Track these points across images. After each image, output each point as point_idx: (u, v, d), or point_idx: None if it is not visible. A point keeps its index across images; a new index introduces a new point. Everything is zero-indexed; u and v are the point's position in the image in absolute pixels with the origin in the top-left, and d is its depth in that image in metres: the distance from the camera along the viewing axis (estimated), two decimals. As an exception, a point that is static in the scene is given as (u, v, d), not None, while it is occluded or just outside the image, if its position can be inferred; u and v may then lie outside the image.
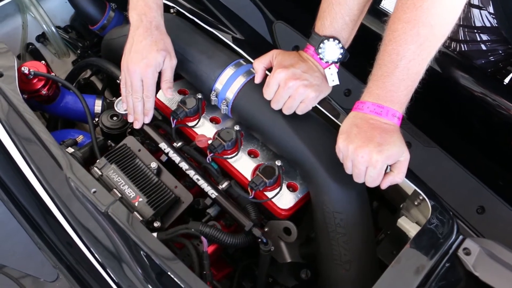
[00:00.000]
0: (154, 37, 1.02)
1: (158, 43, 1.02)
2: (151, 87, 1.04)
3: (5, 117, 0.99)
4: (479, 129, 1.30)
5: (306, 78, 0.94)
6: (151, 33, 1.02)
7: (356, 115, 0.88)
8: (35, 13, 1.43)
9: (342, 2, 0.94)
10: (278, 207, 1.01)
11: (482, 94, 1.21)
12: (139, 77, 1.02)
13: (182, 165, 1.04)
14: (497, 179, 1.28)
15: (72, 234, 0.93)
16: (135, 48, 1.02)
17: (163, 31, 1.05)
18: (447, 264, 0.83)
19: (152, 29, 1.03)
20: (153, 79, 1.04)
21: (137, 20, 1.03)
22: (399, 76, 0.83)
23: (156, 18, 1.04)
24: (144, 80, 1.03)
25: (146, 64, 1.01)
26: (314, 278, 1.13)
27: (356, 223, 0.94)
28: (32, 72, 1.17)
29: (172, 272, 0.81)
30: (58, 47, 1.52)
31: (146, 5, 1.03)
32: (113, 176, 1.02)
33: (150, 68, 1.01)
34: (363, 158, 0.84)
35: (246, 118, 1.05)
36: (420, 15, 0.78)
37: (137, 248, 0.83)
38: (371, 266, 0.95)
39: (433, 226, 0.87)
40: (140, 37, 1.02)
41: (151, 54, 1.01)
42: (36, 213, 1.11)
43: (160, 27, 1.05)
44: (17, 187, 1.13)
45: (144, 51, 1.01)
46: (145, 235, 0.83)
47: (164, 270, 0.82)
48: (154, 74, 1.03)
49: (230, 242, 0.96)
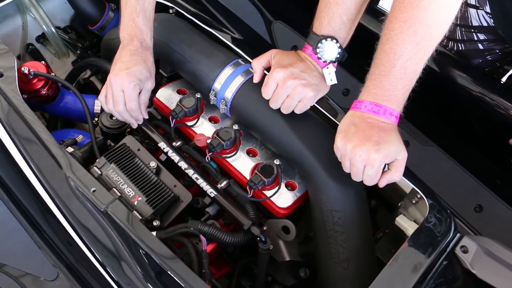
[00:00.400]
0: (144, 56, 1.02)
1: (146, 62, 1.02)
2: (133, 98, 1.01)
3: (5, 117, 0.99)
4: (476, 128, 1.31)
5: (304, 77, 0.95)
6: (141, 53, 1.02)
7: (354, 114, 0.88)
8: (35, 13, 1.43)
9: (339, 2, 0.94)
10: (277, 206, 1.01)
11: (479, 93, 1.22)
12: (119, 87, 1.00)
13: (181, 164, 1.05)
14: (495, 178, 1.29)
15: (72, 233, 0.93)
16: (121, 61, 1.01)
17: (152, 54, 1.05)
18: (445, 262, 0.84)
19: (143, 50, 1.03)
20: (134, 91, 1.01)
21: (128, 40, 1.03)
22: (397, 75, 0.83)
23: (146, 40, 1.04)
24: (125, 91, 1.00)
25: (128, 73, 0.99)
26: (313, 277, 1.14)
27: (354, 222, 0.95)
28: (32, 72, 1.17)
29: (172, 271, 0.81)
30: (58, 47, 1.53)
31: (137, 27, 1.03)
32: (113, 175, 1.02)
33: (132, 78, 0.99)
34: (361, 156, 0.84)
35: (244, 118, 1.06)
36: (417, 15, 0.79)
37: (136, 246, 0.84)
38: (369, 264, 0.96)
39: (430, 224, 0.88)
40: (129, 52, 1.02)
41: (136, 67, 1.00)
42: (36, 212, 1.12)
43: (150, 49, 1.05)
44: (17, 186, 1.14)
45: (129, 64, 1.00)
46: (145, 234, 0.84)
47: (163, 269, 0.82)
48: (136, 85, 1.00)
49: (229, 240, 0.96)
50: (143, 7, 1.04)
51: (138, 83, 1.00)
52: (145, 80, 1.02)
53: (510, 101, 1.19)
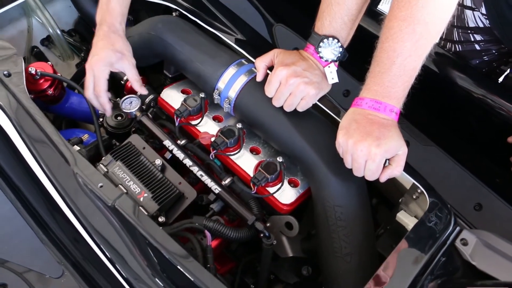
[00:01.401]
0: (111, 39, 1.08)
1: (114, 44, 1.08)
2: (101, 83, 1.08)
3: (14, 115, 1.01)
4: (475, 128, 1.33)
5: (307, 75, 0.97)
6: (108, 36, 1.08)
7: (355, 111, 0.91)
8: (41, 16, 1.46)
9: (341, 2, 0.97)
10: (280, 202, 1.03)
11: (477, 93, 1.24)
12: (91, 72, 1.07)
13: (186, 161, 1.06)
14: (494, 177, 1.31)
15: (80, 229, 0.95)
16: (92, 50, 1.09)
17: (121, 35, 1.10)
18: (445, 254, 0.85)
19: (110, 33, 1.08)
20: (103, 75, 1.08)
21: (99, 24, 1.10)
22: (396, 72, 0.86)
23: (114, 24, 1.10)
24: (96, 75, 1.07)
25: (96, 59, 1.06)
26: (315, 274, 1.15)
27: (356, 216, 0.96)
28: (39, 73, 1.19)
29: (180, 264, 0.82)
30: (63, 50, 1.55)
31: (108, 12, 1.10)
32: (119, 172, 1.04)
33: (100, 63, 1.06)
34: (362, 151, 0.86)
35: (248, 116, 1.08)
36: (415, 13, 0.82)
37: (144, 240, 0.85)
38: (371, 258, 0.98)
39: (431, 218, 0.90)
40: (98, 38, 1.09)
41: (103, 51, 1.06)
42: (43, 209, 1.13)
43: (118, 31, 1.10)
44: (25, 184, 1.16)
45: (97, 50, 1.07)
46: (152, 228, 0.85)
47: (171, 262, 0.84)
48: (104, 70, 1.07)
49: (233, 236, 0.98)
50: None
51: (107, 67, 1.08)
52: (117, 61, 1.08)
53: (507, 100, 1.21)
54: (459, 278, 0.83)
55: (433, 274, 0.83)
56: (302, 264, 1.16)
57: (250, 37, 1.27)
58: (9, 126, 1.01)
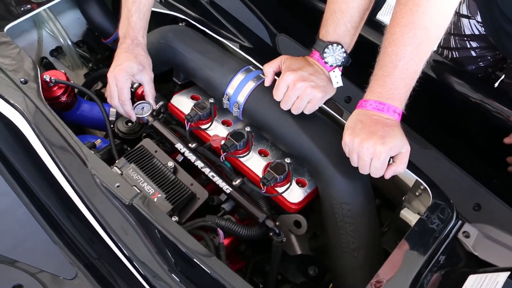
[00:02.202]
0: (134, 52, 1.15)
1: (137, 57, 1.14)
2: (125, 92, 1.14)
3: (32, 119, 1.05)
4: (472, 130, 1.38)
5: (313, 80, 1.02)
6: (131, 49, 1.15)
7: (360, 112, 0.96)
8: (53, 27, 1.51)
9: (344, 10, 1.03)
10: (289, 201, 1.07)
11: (474, 97, 1.29)
12: (113, 81, 1.13)
13: (198, 163, 1.10)
14: (492, 178, 1.35)
15: (97, 227, 0.98)
16: (116, 58, 1.16)
17: (144, 49, 1.17)
18: (449, 246, 0.90)
19: (133, 46, 1.15)
20: (126, 85, 1.14)
21: (122, 38, 1.17)
22: (399, 75, 0.91)
23: (137, 37, 1.16)
24: (118, 85, 1.13)
25: (119, 69, 1.12)
26: (321, 274, 1.19)
27: (363, 213, 1.01)
28: (53, 80, 1.24)
29: (199, 260, 0.85)
30: (73, 60, 1.60)
31: (130, 26, 1.16)
32: (133, 174, 1.08)
33: (123, 72, 1.12)
34: (368, 150, 0.91)
35: (256, 119, 1.12)
36: (416, 19, 0.87)
37: (162, 237, 0.89)
38: (377, 253, 1.02)
39: (434, 212, 0.94)
40: (122, 50, 1.15)
41: (126, 62, 1.13)
42: (57, 211, 1.17)
43: (141, 45, 1.17)
44: (39, 187, 1.19)
45: (121, 60, 1.14)
46: (170, 224, 0.89)
47: (190, 258, 0.87)
48: (127, 80, 1.13)
49: (245, 233, 1.02)
50: (138, 8, 1.16)
51: (130, 77, 1.14)
52: (138, 73, 1.14)
53: (503, 104, 1.26)
54: (461, 268, 0.87)
55: (437, 265, 0.87)
56: (308, 264, 1.19)
57: (256, 45, 1.32)
58: (28, 129, 1.05)
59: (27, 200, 1.22)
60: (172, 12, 1.36)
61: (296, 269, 1.22)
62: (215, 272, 0.83)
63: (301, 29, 1.60)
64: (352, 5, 1.02)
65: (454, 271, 0.86)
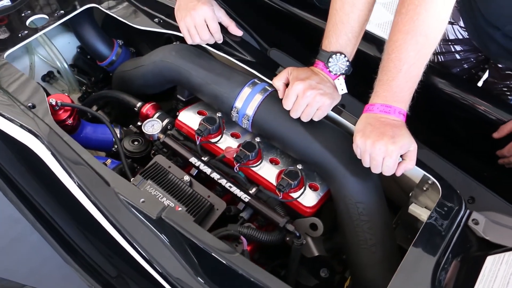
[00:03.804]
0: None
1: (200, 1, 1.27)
2: (215, 19, 1.28)
3: (49, 142, 1.06)
4: (461, 129, 1.47)
5: (321, 88, 1.08)
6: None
7: (368, 116, 1.02)
8: (49, 51, 1.52)
9: (344, 22, 1.10)
10: (304, 206, 1.12)
11: (462, 97, 1.38)
12: (191, 22, 1.25)
13: (214, 175, 1.14)
14: (482, 171, 1.44)
15: (125, 245, 0.98)
16: (181, 11, 1.27)
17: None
18: (461, 234, 0.96)
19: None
20: (211, 15, 1.27)
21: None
22: (403, 79, 0.98)
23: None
24: (207, 16, 1.26)
25: (200, 5, 1.25)
26: (332, 275, 1.23)
27: (377, 210, 1.06)
28: (59, 103, 1.25)
29: (240, 268, 0.88)
30: (69, 83, 1.61)
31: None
32: (151, 190, 1.10)
33: (205, 6, 1.25)
34: (380, 150, 0.97)
35: (266, 130, 1.17)
36: (417, 27, 0.95)
37: (195, 247, 0.91)
38: (393, 246, 1.07)
39: (445, 203, 1.01)
40: (184, 2, 1.28)
41: (200, 1, 1.26)
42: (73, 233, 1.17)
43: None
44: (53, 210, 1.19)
45: (190, 6, 1.26)
46: (203, 234, 0.91)
47: (231, 267, 0.88)
48: (211, 10, 1.26)
49: (267, 239, 1.05)
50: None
51: (211, 7, 1.27)
52: (214, 7, 1.29)
53: (489, 102, 1.36)
54: (476, 252, 0.93)
55: (453, 253, 0.93)
56: (320, 266, 1.24)
57: (257, 58, 1.37)
58: (46, 153, 1.06)
59: (39, 225, 1.21)
60: (170, 31, 1.40)
61: (308, 273, 1.26)
62: (259, 280, 0.86)
63: (291, 42, 1.67)
64: (352, 16, 1.09)
65: (470, 257, 0.93)
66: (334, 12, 1.10)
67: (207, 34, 1.28)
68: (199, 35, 1.28)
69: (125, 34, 1.64)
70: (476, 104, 1.39)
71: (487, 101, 1.38)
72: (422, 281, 0.88)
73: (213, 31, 1.29)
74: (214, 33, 1.29)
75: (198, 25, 1.26)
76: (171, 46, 1.33)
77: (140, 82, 1.37)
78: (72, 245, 1.19)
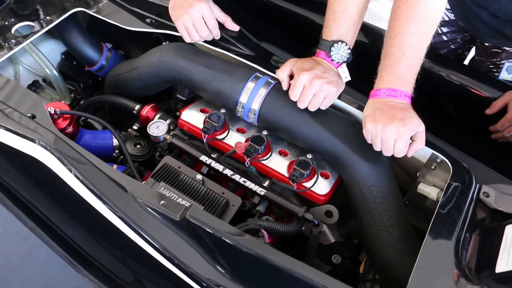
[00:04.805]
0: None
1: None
2: (212, 18, 1.27)
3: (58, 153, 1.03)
4: (453, 107, 1.51)
5: (326, 77, 1.10)
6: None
7: (375, 100, 1.04)
8: (37, 59, 1.47)
9: (343, 10, 1.11)
10: (318, 194, 1.14)
11: (452, 77, 1.42)
12: (189, 20, 1.24)
13: (227, 171, 1.14)
14: (476, 147, 1.50)
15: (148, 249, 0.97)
16: (179, 9, 1.25)
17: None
18: (476, 207, 1.01)
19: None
20: (209, 11, 1.25)
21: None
22: (407, 62, 1.01)
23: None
24: (204, 13, 1.25)
25: (196, 3, 1.23)
26: (344, 261, 1.26)
27: (390, 192, 1.09)
28: (58, 112, 1.21)
29: (278, 262, 0.89)
30: (59, 90, 1.56)
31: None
32: (165, 192, 1.09)
33: (202, 4, 1.24)
34: (392, 132, 0.99)
35: (273, 122, 1.17)
36: (419, 11, 0.98)
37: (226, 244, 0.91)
38: (409, 225, 1.11)
39: (457, 179, 1.05)
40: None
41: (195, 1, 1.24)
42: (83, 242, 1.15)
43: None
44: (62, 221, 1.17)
45: (187, 3, 1.24)
46: (231, 229, 0.91)
47: (268, 261, 0.89)
48: (208, 7, 1.25)
49: (286, 230, 1.07)
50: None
51: (208, 4, 1.26)
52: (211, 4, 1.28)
53: (477, 79, 1.41)
54: (492, 223, 0.98)
55: (471, 226, 0.97)
56: (331, 253, 1.26)
57: (256, 51, 1.38)
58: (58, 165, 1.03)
59: (49, 239, 1.19)
60: (163, 30, 1.38)
61: (321, 260, 1.28)
62: (298, 273, 0.88)
63: (280, 35, 1.68)
64: (350, 4, 1.11)
65: (488, 228, 0.97)
66: (332, 1, 1.12)
67: (206, 32, 1.27)
68: (198, 32, 1.26)
69: (112, 37, 1.61)
70: (467, 82, 1.44)
71: (476, 79, 1.43)
72: (445, 257, 0.91)
73: (212, 27, 1.27)
74: (213, 29, 1.28)
75: (196, 22, 1.24)
76: (167, 45, 1.32)
77: (137, 84, 1.35)
78: (83, 254, 1.17)
